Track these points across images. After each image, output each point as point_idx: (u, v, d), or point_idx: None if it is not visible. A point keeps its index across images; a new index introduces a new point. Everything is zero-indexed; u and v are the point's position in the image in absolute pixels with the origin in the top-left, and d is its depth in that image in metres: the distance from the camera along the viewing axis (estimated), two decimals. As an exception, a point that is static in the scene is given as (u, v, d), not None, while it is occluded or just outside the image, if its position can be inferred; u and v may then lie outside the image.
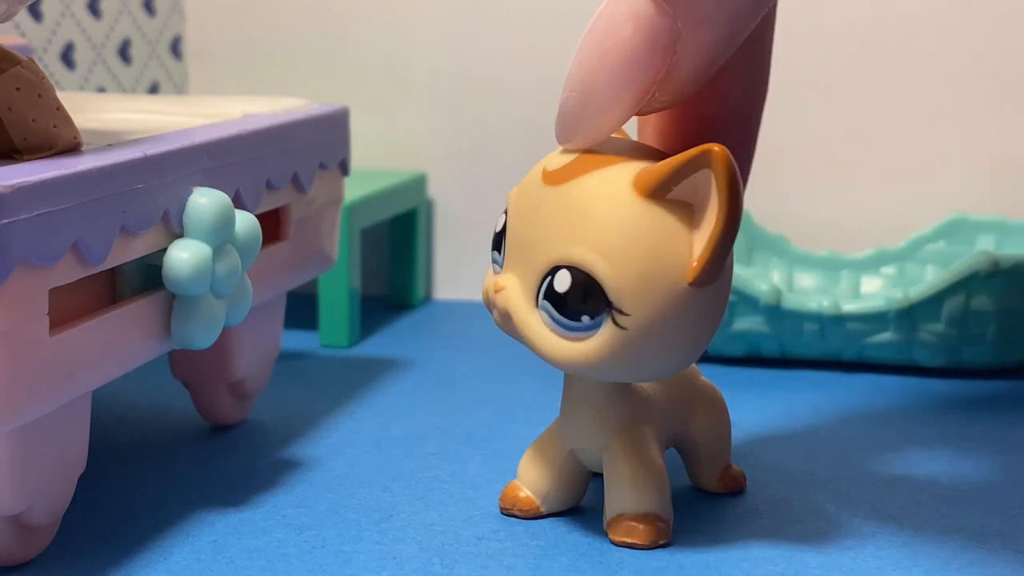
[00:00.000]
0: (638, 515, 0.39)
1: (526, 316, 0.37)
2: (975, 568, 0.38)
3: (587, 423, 0.40)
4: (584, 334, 0.36)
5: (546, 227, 0.37)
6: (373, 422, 0.52)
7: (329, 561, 0.38)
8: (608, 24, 0.35)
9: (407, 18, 0.72)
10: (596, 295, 0.36)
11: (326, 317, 0.64)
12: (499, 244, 0.39)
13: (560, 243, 0.36)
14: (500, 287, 0.38)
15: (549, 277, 0.36)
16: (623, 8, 0.35)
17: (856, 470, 0.47)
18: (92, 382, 0.37)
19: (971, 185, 0.67)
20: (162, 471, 0.46)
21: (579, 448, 0.40)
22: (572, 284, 0.36)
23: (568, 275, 0.36)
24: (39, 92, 0.36)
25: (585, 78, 0.35)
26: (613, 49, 0.35)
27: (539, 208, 0.37)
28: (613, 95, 0.35)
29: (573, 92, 0.36)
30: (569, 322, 0.36)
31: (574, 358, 0.37)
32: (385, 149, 0.74)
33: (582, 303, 0.36)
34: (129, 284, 0.39)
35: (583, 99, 0.36)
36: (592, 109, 0.36)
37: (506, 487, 0.42)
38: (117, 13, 0.69)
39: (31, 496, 0.36)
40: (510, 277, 0.38)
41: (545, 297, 0.37)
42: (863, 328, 0.58)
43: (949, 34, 0.67)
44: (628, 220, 0.35)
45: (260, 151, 0.45)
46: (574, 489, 0.42)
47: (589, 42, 0.35)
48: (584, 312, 0.36)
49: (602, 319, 0.36)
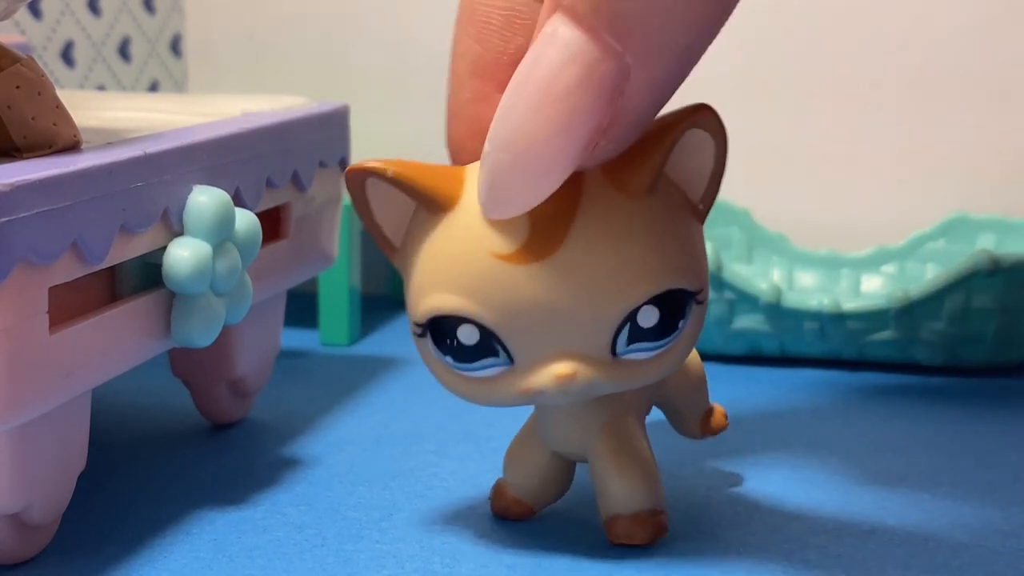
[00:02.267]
0: (633, 514, 0.39)
1: (612, 372, 0.35)
2: (975, 566, 0.38)
3: (567, 426, 0.39)
4: (680, 336, 0.36)
5: (583, 294, 0.34)
6: (373, 420, 0.52)
7: (329, 560, 0.38)
8: (543, 72, 0.30)
9: (407, 17, 0.72)
10: (683, 300, 0.35)
11: (326, 315, 0.64)
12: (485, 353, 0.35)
13: (617, 294, 0.34)
14: (569, 377, 0.34)
15: (627, 325, 0.34)
16: (558, 51, 0.30)
17: (856, 468, 0.47)
18: (92, 380, 0.37)
19: (971, 184, 0.67)
20: (162, 469, 0.46)
21: (562, 451, 0.40)
22: (660, 311, 0.35)
23: (653, 308, 0.34)
24: (39, 90, 0.36)
25: (518, 136, 0.31)
26: (550, 100, 0.30)
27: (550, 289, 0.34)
28: (553, 153, 0.31)
29: (504, 153, 0.31)
30: (670, 338, 0.35)
31: (674, 362, 0.36)
32: (385, 147, 0.73)
33: (676, 316, 0.35)
34: (129, 282, 0.39)
35: (517, 160, 0.31)
36: (528, 172, 0.31)
37: (495, 490, 0.41)
38: (117, 11, 0.69)
39: (30, 494, 0.36)
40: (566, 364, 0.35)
41: (631, 341, 0.35)
42: (863, 327, 0.58)
43: (949, 34, 0.67)
44: (655, 226, 0.34)
45: (260, 149, 0.45)
46: (562, 481, 0.41)
47: (520, 94, 0.31)
48: (679, 318, 0.35)
49: (689, 311, 0.36)
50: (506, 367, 0.35)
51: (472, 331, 0.34)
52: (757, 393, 0.56)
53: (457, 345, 0.35)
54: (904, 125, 0.68)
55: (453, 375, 0.36)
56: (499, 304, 0.34)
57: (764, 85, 0.69)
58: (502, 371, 0.35)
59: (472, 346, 0.35)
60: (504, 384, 0.36)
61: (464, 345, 0.35)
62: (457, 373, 0.36)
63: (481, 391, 0.36)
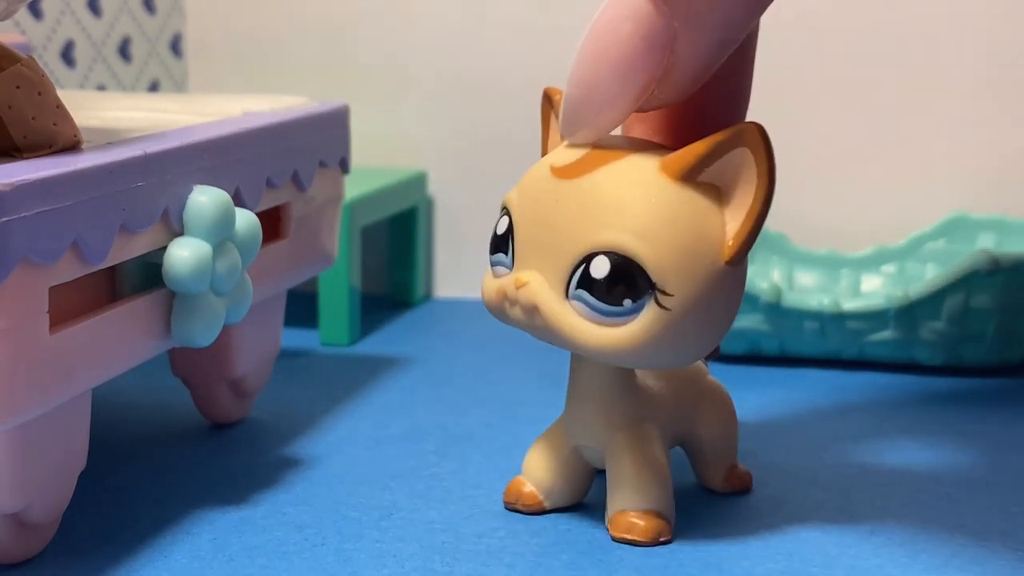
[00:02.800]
0: (640, 512, 0.39)
1: (557, 307, 0.37)
2: (975, 566, 0.38)
3: (590, 419, 0.40)
4: (625, 319, 0.36)
5: (570, 218, 0.37)
6: (373, 420, 0.52)
7: (329, 559, 0.38)
8: (607, 24, 0.36)
9: (407, 17, 0.72)
10: (638, 277, 0.36)
11: (326, 315, 0.64)
12: (502, 246, 0.39)
13: (592, 231, 0.36)
14: (523, 282, 0.38)
15: (583, 265, 0.36)
16: (621, 8, 0.35)
17: (856, 468, 0.47)
18: (92, 380, 0.37)
19: (971, 184, 0.67)
20: (162, 469, 0.46)
21: (582, 444, 0.41)
22: (611, 269, 0.36)
23: (606, 260, 0.36)
24: (39, 90, 0.36)
25: (586, 76, 0.36)
26: (612, 48, 0.36)
27: (557, 202, 0.37)
28: (613, 92, 0.36)
29: (575, 89, 0.37)
30: (610, 307, 0.36)
31: (614, 344, 0.36)
32: (385, 147, 0.74)
33: (624, 287, 0.36)
34: (129, 282, 0.39)
35: (585, 96, 0.37)
36: (594, 105, 0.37)
37: (511, 482, 0.42)
38: (117, 11, 0.69)
39: (31, 494, 0.36)
40: (530, 273, 0.38)
41: (580, 286, 0.36)
42: (863, 326, 0.58)
43: (949, 34, 0.67)
44: (663, 202, 0.36)
45: (260, 149, 0.45)
46: (578, 485, 0.42)
47: (589, 41, 0.36)
48: (626, 296, 0.36)
49: (644, 302, 0.36)
50: (507, 270, 0.39)
51: (505, 222, 0.39)
52: (757, 393, 0.56)
53: (494, 234, 0.40)
54: (904, 125, 0.68)
55: (488, 271, 0.40)
56: (526, 204, 0.38)
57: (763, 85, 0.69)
58: (504, 272, 0.39)
59: (499, 235, 0.39)
60: (494, 279, 0.39)
61: (497, 235, 0.39)
62: (489, 267, 0.40)
63: (486, 286, 0.40)
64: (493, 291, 0.39)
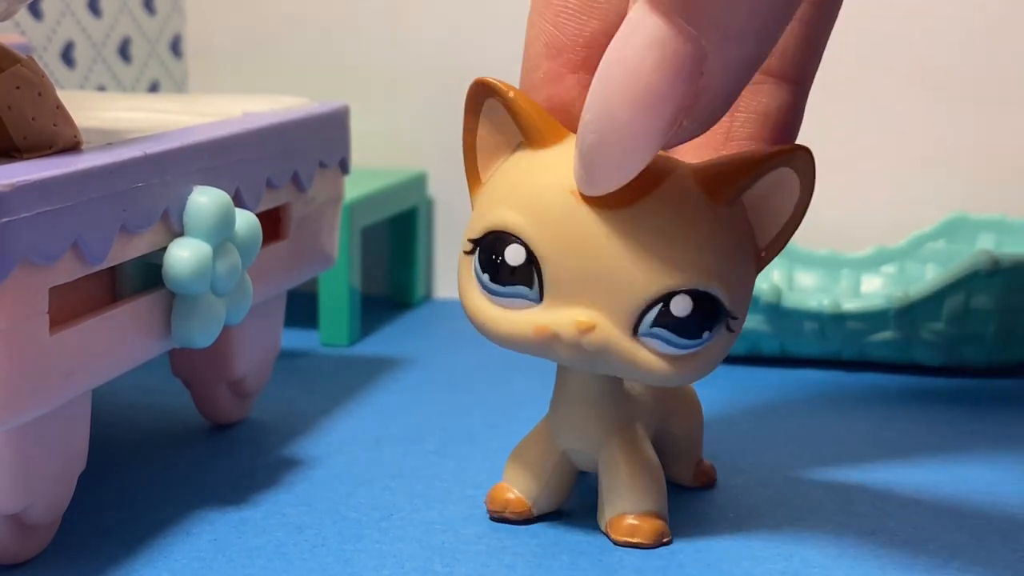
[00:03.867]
0: (640, 514, 0.39)
1: (628, 346, 0.36)
2: (975, 567, 0.38)
3: (584, 423, 0.40)
4: (702, 348, 0.36)
5: (629, 255, 0.35)
6: (373, 420, 0.52)
7: (329, 560, 0.38)
8: (626, 57, 0.32)
9: (407, 17, 0.72)
10: (718, 311, 0.36)
11: (326, 316, 0.64)
12: (522, 279, 0.36)
13: (666, 270, 0.35)
14: (588, 325, 0.35)
15: (659, 304, 0.35)
16: (641, 37, 0.31)
17: (856, 468, 0.47)
18: (92, 381, 0.37)
19: (971, 184, 0.67)
20: (162, 470, 0.46)
21: (572, 449, 0.40)
22: (694, 306, 0.35)
23: (688, 299, 0.35)
24: (39, 91, 0.36)
25: (604, 118, 0.32)
26: (634, 84, 0.32)
27: (608, 238, 0.35)
28: (637, 133, 0.32)
29: (592, 135, 0.33)
30: (691, 341, 0.36)
31: (692, 373, 0.36)
32: (385, 148, 0.74)
33: (705, 321, 0.36)
34: (129, 283, 0.39)
35: (604, 141, 0.33)
36: (615, 151, 0.33)
37: (492, 490, 0.41)
38: (117, 12, 0.69)
39: (31, 494, 0.36)
40: (588, 312, 0.36)
41: (656, 324, 0.35)
42: (863, 327, 0.58)
43: (949, 34, 0.67)
44: (720, 232, 0.36)
45: (260, 150, 0.45)
46: (564, 490, 0.41)
47: (607, 78, 0.32)
48: (705, 328, 0.36)
49: (719, 330, 0.36)
50: (533, 304, 0.36)
51: (520, 252, 0.36)
52: (757, 393, 0.56)
53: (501, 263, 0.36)
54: (904, 125, 0.68)
55: (481, 298, 0.37)
56: (555, 234, 0.35)
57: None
58: (527, 306, 0.36)
59: (514, 267, 0.36)
60: (524, 317, 0.36)
61: (507, 265, 0.36)
62: (486, 296, 0.37)
63: (501, 319, 0.37)
64: (525, 328, 0.36)
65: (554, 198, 0.36)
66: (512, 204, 0.36)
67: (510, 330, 0.37)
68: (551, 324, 0.36)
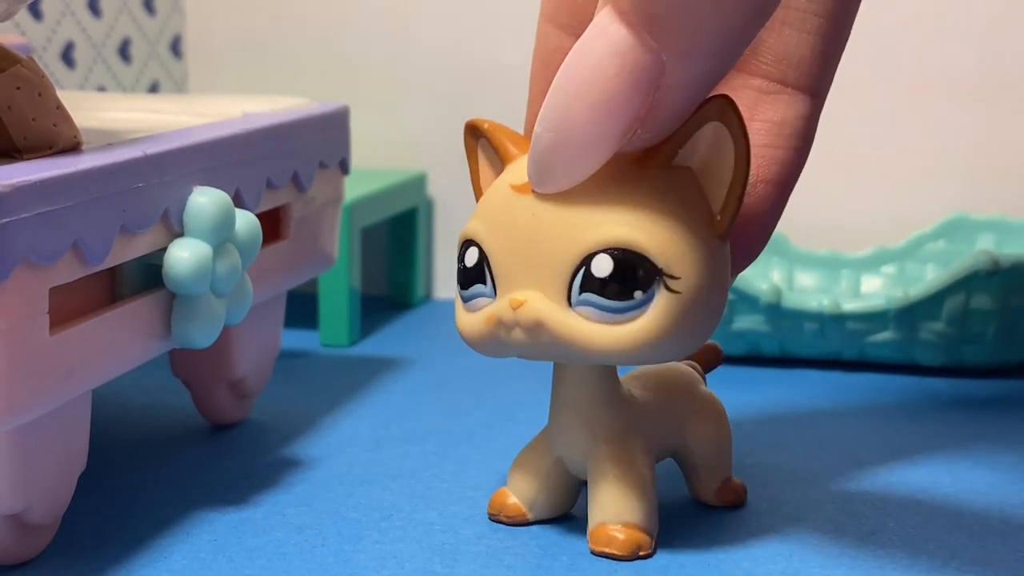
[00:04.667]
0: (619, 525, 0.38)
1: (561, 317, 0.36)
2: (975, 567, 0.38)
3: (573, 430, 0.39)
4: (637, 312, 0.35)
5: (555, 228, 0.36)
6: (373, 421, 0.52)
7: (329, 560, 0.38)
8: (589, 61, 0.33)
9: (407, 17, 0.72)
10: (643, 266, 0.35)
11: (326, 316, 0.64)
12: (477, 278, 0.37)
13: (583, 233, 0.35)
14: (520, 301, 0.36)
15: (583, 268, 0.35)
16: (605, 44, 0.32)
17: (856, 469, 0.47)
18: (92, 381, 0.37)
19: (971, 184, 0.67)
20: (162, 470, 0.46)
21: (565, 456, 0.40)
22: (615, 263, 0.35)
23: (607, 257, 0.35)
24: (39, 91, 0.36)
25: (563, 118, 0.33)
26: (594, 88, 0.33)
27: (535, 216, 0.36)
28: (593, 136, 0.33)
29: (549, 132, 0.34)
30: (621, 303, 0.35)
31: (631, 341, 0.36)
32: (385, 148, 0.74)
33: (631, 279, 0.35)
34: (129, 283, 0.39)
35: (560, 140, 0.34)
36: (570, 151, 0.34)
37: (495, 493, 0.42)
38: (117, 12, 0.69)
39: (31, 495, 0.36)
40: (524, 292, 0.36)
41: (584, 290, 0.35)
42: (863, 327, 0.58)
43: (949, 34, 0.67)
44: (647, 190, 0.35)
45: (260, 150, 0.45)
46: (562, 497, 0.41)
47: (568, 79, 0.33)
48: (636, 288, 0.35)
49: (654, 290, 0.35)
50: (490, 299, 0.37)
51: (474, 253, 0.38)
52: (757, 393, 0.56)
53: (463, 268, 0.38)
54: (904, 125, 0.68)
55: (460, 307, 0.39)
56: (497, 227, 0.37)
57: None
58: (487, 302, 0.37)
59: (470, 268, 0.38)
60: (481, 314, 0.38)
61: (467, 268, 0.38)
62: (461, 304, 0.38)
63: (467, 321, 0.38)
64: (480, 322, 0.37)
65: (499, 196, 0.38)
66: (476, 214, 0.38)
67: (473, 329, 0.38)
68: (495, 311, 0.37)
